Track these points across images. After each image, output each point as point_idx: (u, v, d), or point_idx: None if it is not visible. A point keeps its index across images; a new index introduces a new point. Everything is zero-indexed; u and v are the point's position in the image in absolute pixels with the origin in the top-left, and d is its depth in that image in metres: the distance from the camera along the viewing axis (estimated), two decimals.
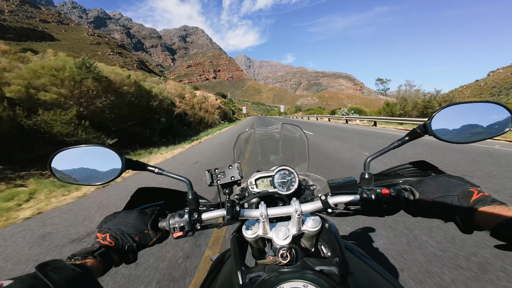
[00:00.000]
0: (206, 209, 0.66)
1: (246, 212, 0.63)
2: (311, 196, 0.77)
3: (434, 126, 0.55)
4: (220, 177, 0.67)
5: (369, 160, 0.59)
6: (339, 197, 0.60)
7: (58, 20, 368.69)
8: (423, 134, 0.55)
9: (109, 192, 4.26)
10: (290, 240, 0.56)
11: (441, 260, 1.80)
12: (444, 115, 0.55)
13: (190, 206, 0.62)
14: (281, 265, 0.51)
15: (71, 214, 3.28)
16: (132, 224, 0.57)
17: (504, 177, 3.61)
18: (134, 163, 0.59)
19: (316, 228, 0.57)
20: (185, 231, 0.60)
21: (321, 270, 0.48)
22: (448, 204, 0.50)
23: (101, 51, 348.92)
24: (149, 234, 0.59)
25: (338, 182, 0.61)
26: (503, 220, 0.41)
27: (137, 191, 0.69)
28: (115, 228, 0.56)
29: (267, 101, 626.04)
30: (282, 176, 0.76)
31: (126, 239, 0.55)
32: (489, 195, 0.48)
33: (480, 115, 0.55)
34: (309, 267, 0.49)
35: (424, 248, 1.96)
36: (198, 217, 0.61)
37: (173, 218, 0.60)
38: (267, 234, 0.58)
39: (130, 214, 0.60)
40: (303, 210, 0.59)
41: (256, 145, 1.05)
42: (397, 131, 12.26)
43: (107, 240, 0.53)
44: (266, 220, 0.58)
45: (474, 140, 0.55)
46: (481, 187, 0.50)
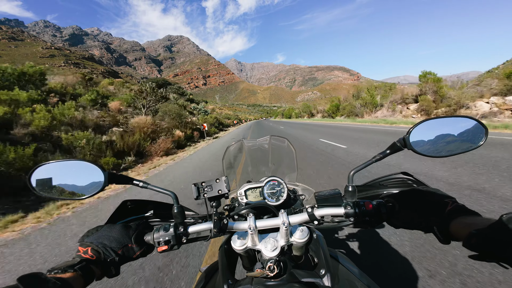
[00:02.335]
0: (193, 222, 0.66)
1: (235, 224, 0.64)
2: (300, 206, 0.79)
3: (412, 140, 0.56)
4: (207, 191, 0.66)
5: (352, 173, 0.60)
6: (325, 210, 0.61)
7: (10, 37, 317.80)
8: (402, 148, 0.57)
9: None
10: (279, 251, 0.57)
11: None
12: (422, 129, 0.57)
13: (176, 220, 0.62)
14: (269, 278, 0.52)
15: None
16: (115, 237, 0.57)
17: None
18: (118, 177, 0.59)
19: (303, 240, 0.58)
20: (170, 245, 0.59)
21: (307, 283, 0.49)
22: (426, 215, 0.52)
23: (49, 63, 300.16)
24: (132, 248, 0.58)
25: (324, 195, 0.63)
26: (473, 231, 0.42)
27: (122, 203, 0.69)
28: (97, 242, 0.55)
29: (264, 101, 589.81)
30: (272, 186, 0.77)
31: (109, 253, 0.54)
32: (463, 205, 0.50)
33: (456, 129, 0.58)
34: (296, 279, 0.50)
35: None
36: (184, 231, 0.61)
37: (158, 232, 0.60)
38: (256, 245, 0.59)
39: (113, 227, 0.59)
40: (291, 222, 0.60)
41: (246, 156, 1.08)
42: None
43: (88, 253, 0.52)
44: (255, 232, 0.59)
45: (451, 154, 0.57)
46: (455, 198, 0.52)
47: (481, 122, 0.55)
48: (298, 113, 62.81)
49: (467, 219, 0.46)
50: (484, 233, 0.40)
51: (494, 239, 0.38)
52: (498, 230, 0.38)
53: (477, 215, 0.47)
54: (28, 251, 2.75)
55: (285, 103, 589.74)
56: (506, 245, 0.37)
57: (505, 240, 0.37)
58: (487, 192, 2.92)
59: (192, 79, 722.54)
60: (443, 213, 0.49)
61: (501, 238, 0.38)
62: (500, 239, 0.38)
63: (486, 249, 0.40)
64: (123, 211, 0.68)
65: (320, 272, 0.51)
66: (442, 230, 0.49)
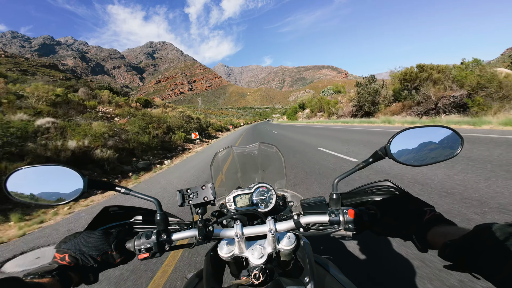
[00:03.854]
0: (177, 229, 0.66)
1: (222, 231, 0.63)
2: (289, 213, 0.78)
3: (392, 149, 0.58)
4: (192, 197, 0.66)
5: (336, 181, 0.61)
6: (310, 217, 0.62)
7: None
8: (384, 157, 0.58)
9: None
10: (266, 259, 0.57)
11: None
12: (402, 139, 0.59)
13: (159, 227, 0.61)
14: (254, 286, 0.52)
15: None
16: (94, 244, 0.56)
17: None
18: (97, 183, 0.59)
19: (290, 247, 0.59)
20: (152, 253, 0.59)
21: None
22: (405, 224, 0.53)
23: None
24: (112, 255, 0.58)
25: (309, 202, 0.64)
26: (448, 241, 0.42)
27: (103, 209, 0.67)
28: (75, 248, 0.54)
29: (255, 103, 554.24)
30: (261, 193, 0.78)
31: (87, 260, 0.54)
32: (440, 214, 0.51)
33: (434, 138, 0.60)
34: (281, 287, 0.50)
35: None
36: (167, 238, 0.61)
37: (139, 239, 0.59)
38: (243, 253, 0.59)
39: (93, 234, 0.58)
40: (278, 229, 0.61)
41: (236, 162, 1.08)
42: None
43: (65, 260, 0.52)
44: (241, 239, 0.59)
45: (429, 163, 0.59)
46: (434, 206, 0.53)
47: (457, 132, 0.58)
48: (312, 109, 41.21)
49: (443, 228, 0.47)
50: (457, 243, 0.40)
51: (467, 249, 0.39)
52: (471, 241, 0.39)
53: (453, 224, 0.48)
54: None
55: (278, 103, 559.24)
56: (478, 255, 0.37)
57: (477, 250, 0.37)
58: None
59: (177, 84, 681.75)
60: (421, 222, 0.50)
61: (473, 249, 0.38)
62: (472, 250, 0.38)
63: (459, 259, 0.40)
64: (105, 218, 0.68)
65: (304, 280, 0.52)
66: (420, 238, 0.49)
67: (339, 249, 2.11)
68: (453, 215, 2.48)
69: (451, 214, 2.51)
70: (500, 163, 3.96)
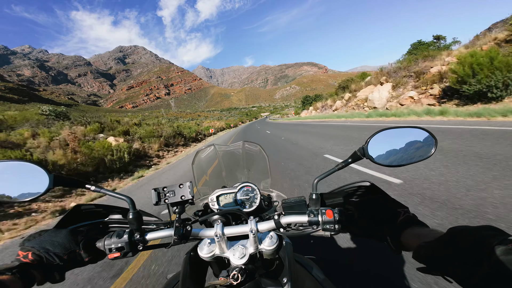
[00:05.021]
0: (153, 229, 0.65)
1: (201, 231, 0.63)
2: (273, 213, 0.77)
3: (370, 149, 0.59)
4: (169, 196, 0.64)
5: (316, 181, 0.61)
6: (290, 217, 0.63)
7: None
8: (362, 157, 0.59)
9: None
10: (247, 259, 0.56)
11: None
12: (379, 139, 0.60)
13: (132, 226, 0.60)
14: (233, 286, 0.52)
15: None
16: (60, 243, 0.55)
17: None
18: (65, 180, 0.57)
19: (272, 247, 0.58)
20: (124, 252, 0.58)
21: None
22: (380, 225, 0.53)
23: None
24: (80, 254, 0.56)
25: (290, 202, 0.64)
26: (422, 243, 0.42)
27: (74, 208, 0.66)
28: (39, 246, 0.53)
29: (240, 103, 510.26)
30: (245, 193, 0.77)
31: (52, 258, 0.52)
32: (414, 215, 0.51)
33: (410, 139, 0.61)
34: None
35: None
36: (141, 237, 0.59)
37: (110, 238, 0.58)
38: (224, 253, 0.58)
39: (59, 232, 0.57)
40: (259, 229, 0.61)
41: (220, 161, 1.07)
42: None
43: (28, 258, 0.50)
44: (222, 239, 0.58)
45: (405, 163, 0.60)
46: (408, 208, 0.54)
47: (432, 133, 0.60)
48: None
49: (416, 230, 0.47)
50: (431, 246, 0.40)
51: (441, 252, 0.38)
52: (444, 243, 0.39)
53: (426, 226, 0.49)
54: None
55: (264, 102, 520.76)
56: (451, 258, 0.37)
57: (449, 254, 0.37)
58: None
59: (152, 89, 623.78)
60: (395, 223, 0.51)
61: (446, 252, 0.38)
62: (445, 253, 0.38)
63: (432, 261, 0.40)
64: (76, 216, 0.66)
65: (283, 280, 0.52)
66: (394, 240, 0.50)
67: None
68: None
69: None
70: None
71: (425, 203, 2.57)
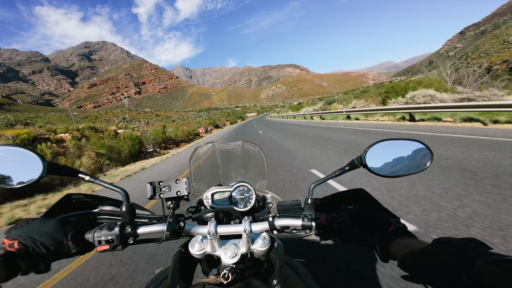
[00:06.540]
0: (146, 223, 0.65)
1: (194, 228, 0.62)
2: (267, 214, 0.78)
3: (367, 159, 0.60)
4: (164, 191, 0.63)
5: (312, 186, 0.63)
6: (284, 220, 0.63)
7: None
8: (359, 166, 0.61)
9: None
10: (239, 258, 0.57)
11: None
12: (377, 150, 0.61)
13: (123, 219, 0.59)
14: (222, 285, 0.52)
15: None
16: (48, 232, 0.53)
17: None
18: (59, 168, 0.56)
19: (264, 248, 0.59)
20: (113, 245, 0.57)
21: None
22: (371, 233, 0.55)
23: None
24: (68, 245, 0.55)
25: (285, 205, 0.65)
26: (408, 252, 0.43)
27: (65, 197, 0.64)
28: (26, 235, 0.51)
29: (222, 103, 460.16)
30: (241, 192, 0.77)
31: (38, 248, 0.51)
32: (404, 226, 0.53)
33: (408, 151, 0.63)
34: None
35: None
36: (132, 231, 0.59)
37: (101, 230, 0.57)
38: (216, 251, 0.58)
39: (48, 222, 0.55)
40: (253, 229, 0.61)
41: (217, 159, 1.08)
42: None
43: (14, 247, 0.50)
44: (214, 237, 0.58)
45: (400, 174, 0.61)
46: (399, 218, 0.55)
47: (428, 147, 0.61)
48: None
49: (405, 240, 0.49)
50: (416, 255, 0.42)
51: (424, 261, 0.40)
52: (428, 253, 0.40)
53: (414, 237, 0.51)
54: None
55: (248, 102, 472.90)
56: (435, 268, 0.38)
57: (434, 263, 0.38)
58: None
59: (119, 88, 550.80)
60: (385, 233, 0.52)
61: (430, 261, 0.39)
62: (430, 262, 0.39)
63: (416, 270, 0.41)
64: (66, 206, 0.64)
65: (272, 282, 0.53)
66: (383, 248, 0.51)
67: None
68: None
69: None
70: None
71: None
